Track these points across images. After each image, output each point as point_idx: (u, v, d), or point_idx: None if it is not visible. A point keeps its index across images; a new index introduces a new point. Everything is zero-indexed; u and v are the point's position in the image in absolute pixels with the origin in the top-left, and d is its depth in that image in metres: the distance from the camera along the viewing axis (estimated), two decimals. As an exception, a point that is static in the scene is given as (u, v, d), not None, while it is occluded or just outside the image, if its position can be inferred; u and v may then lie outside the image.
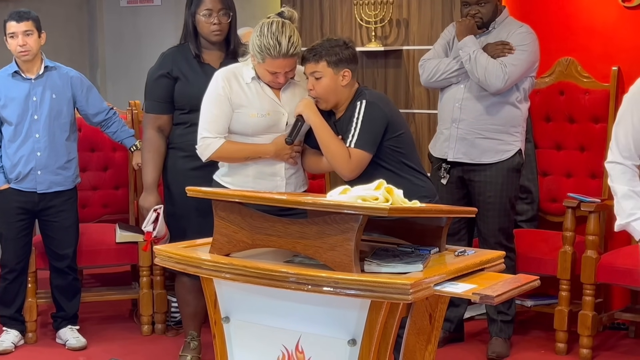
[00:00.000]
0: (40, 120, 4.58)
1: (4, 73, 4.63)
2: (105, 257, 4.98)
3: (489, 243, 4.42)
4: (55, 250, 4.72)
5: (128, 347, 4.80)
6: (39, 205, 4.63)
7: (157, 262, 3.06)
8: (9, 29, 4.54)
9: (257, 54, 3.63)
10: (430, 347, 3.03)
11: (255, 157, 3.75)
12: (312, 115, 3.60)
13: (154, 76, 4.24)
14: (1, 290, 4.74)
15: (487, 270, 2.91)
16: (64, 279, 4.77)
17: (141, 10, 7.23)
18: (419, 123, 5.63)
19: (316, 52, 3.59)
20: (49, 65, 4.66)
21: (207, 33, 4.15)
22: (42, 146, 4.58)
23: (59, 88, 4.65)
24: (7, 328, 4.76)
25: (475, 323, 5.05)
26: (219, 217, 2.97)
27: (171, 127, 4.26)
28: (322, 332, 2.78)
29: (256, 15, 6.26)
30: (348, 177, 3.58)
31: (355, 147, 3.52)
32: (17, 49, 4.53)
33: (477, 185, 4.47)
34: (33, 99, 4.58)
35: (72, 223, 4.73)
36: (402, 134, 3.61)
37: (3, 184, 4.60)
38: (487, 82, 4.32)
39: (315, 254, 2.75)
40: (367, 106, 3.54)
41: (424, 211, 2.96)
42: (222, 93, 3.72)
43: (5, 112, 4.57)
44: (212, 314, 3.03)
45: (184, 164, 4.17)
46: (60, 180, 4.64)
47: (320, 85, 3.59)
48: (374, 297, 2.61)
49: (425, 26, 5.58)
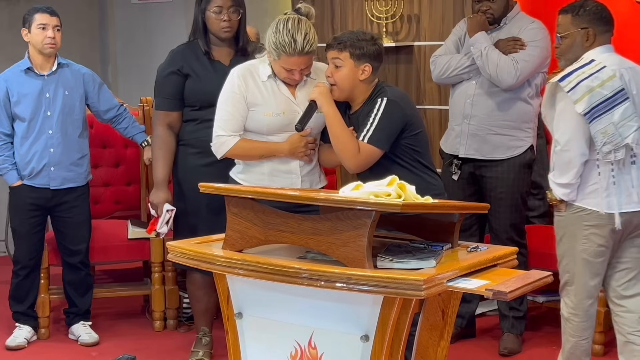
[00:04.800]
0: (53, 116, 4.59)
1: (17, 69, 4.64)
2: (117, 253, 5.00)
3: (501, 239, 4.42)
4: (68, 246, 4.73)
5: (140, 343, 4.81)
6: (52, 202, 4.64)
7: (170, 258, 3.07)
8: (40, 19, 4.55)
9: (273, 51, 3.62)
10: (442, 342, 3.03)
11: (270, 155, 3.75)
12: (326, 104, 3.56)
13: (163, 73, 4.25)
14: (14, 287, 4.76)
15: (499, 266, 2.91)
16: (76, 274, 4.78)
17: (152, 7, 7.24)
18: (430, 119, 5.63)
19: (341, 41, 3.56)
20: (62, 62, 4.67)
21: (217, 30, 4.16)
22: (55, 142, 4.59)
23: (72, 85, 4.66)
24: (20, 324, 4.78)
25: (487, 319, 5.05)
26: (231, 213, 2.97)
27: (181, 123, 4.27)
28: (335, 328, 2.79)
29: (268, 11, 6.27)
30: (353, 171, 3.59)
31: (367, 142, 3.52)
32: (45, 40, 4.54)
33: (489, 181, 4.46)
34: (46, 96, 4.59)
35: (85, 219, 4.75)
36: (419, 132, 3.60)
37: (16, 181, 4.61)
38: (498, 78, 4.31)
39: (327, 250, 2.76)
40: (387, 104, 3.51)
41: (436, 207, 2.96)
42: (237, 91, 3.72)
43: (18, 108, 4.58)
44: (225, 310, 3.04)
45: (195, 160, 4.18)
46: (73, 176, 4.66)
47: (339, 74, 3.57)
48: (386, 293, 2.61)
49: (437, 22, 5.58)
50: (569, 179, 3.52)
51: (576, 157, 3.49)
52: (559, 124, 3.53)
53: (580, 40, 3.57)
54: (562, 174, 3.53)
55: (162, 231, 4.27)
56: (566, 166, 3.51)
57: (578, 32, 3.57)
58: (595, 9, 3.58)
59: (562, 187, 3.54)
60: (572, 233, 3.59)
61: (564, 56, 3.62)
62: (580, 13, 3.56)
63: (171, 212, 4.24)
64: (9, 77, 4.62)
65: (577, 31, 3.57)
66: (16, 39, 6.99)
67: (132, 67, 7.28)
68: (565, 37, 3.60)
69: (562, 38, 3.61)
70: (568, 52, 3.60)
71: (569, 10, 3.60)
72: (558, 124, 3.53)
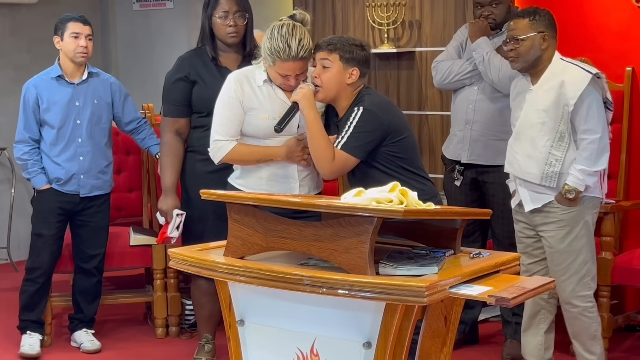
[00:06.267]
0: (82, 125, 4.61)
1: (46, 76, 4.64)
2: (119, 260, 4.99)
3: (503, 245, 4.40)
4: (86, 250, 4.73)
5: (142, 350, 4.81)
6: (79, 207, 4.66)
7: (172, 265, 3.06)
8: (73, 28, 4.55)
9: (268, 57, 3.63)
10: (445, 349, 3.01)
11: (267, 160, 3.75)
12: (307, 107, 3.57)
13: (171, 80, 4.26)
14: (28, 295, 4.70)
15: (502, 272, 2.90)
16: (88, 280, 4.77)
17: (153, 13, 7.25)
18: (432, 125, 5.62)
19: (332, 43, 3.59)
20: (92, 71, 4.70)
21: (224, 35, 4.16)
22: (84, 151, 4.62)
23: (101, 94, 4.69)
24: (30, 332, 4.72)
25: (490, 325, 5.04)
26: (233, 220, 2.97)
27: (189, 130, 4.28)
28: (337, 335, 2.78)
29: (269, 18, 6.27)
30: (327, 177, 3.67)
31: (341, 149, 3.52)
32: (77, 49, 4.55)
33: (491, 187, 4.46)
34: (76, 104, 4.61)
35: (106, 225, 4.78)
36: (403, 138, 3.59)
37: (45, 184, 4.61)
38: (500, 84, 4.31)
39: (329, 256, 2.75)
40: (363, 113, 3.52)
41: (438, 213, 2.95)
42: (233, 96, 3.73)
43: (47, 115, 4.58)
44: (227, 317, 3.03)
45: (202, 167, 4.18)
46: (100, 184, 4.69)
47: (326, 75, 3.58)
48: (389, 299, 2.60)
49: (438, 28, 5.58)
50: (604, 164, 3.84)
51: (608, 144, 3.86)
52: (593, 113, 3.79)
53: (538, 43, 3.85)
54: (597, 161, 3.80)
55: (173, 235, 4.28)
56: (602, 152, 3.81)
57: (536, 35, 3.84)
58: (548, 15, 3.90)
59: (594, 175, 3.82)
60: (586, 223, 3.89)
61: (523, 57, 3.86)
62: (537, 18, 3.86)
63: (181, 216, 4.25)
64: (38, 83, 4.62)
65: (535, 35, 3.84)
66: (18, 46, 7.02)
67: (134, 74, 7.28)
68: (524, 39, 3.83)
69: (521, 41, 3.84)
70: (527, 54, 3.85)
71: (526, 16, 3.88)
72: (592, 114, 3.78)
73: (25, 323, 4.75)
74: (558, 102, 3.80)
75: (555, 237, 3.89)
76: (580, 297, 3.92)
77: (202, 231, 4.16)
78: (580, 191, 3.80)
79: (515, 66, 3.91)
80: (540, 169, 3.85)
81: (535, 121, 3.86)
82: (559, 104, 3.80)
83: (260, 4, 6.41)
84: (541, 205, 3.89)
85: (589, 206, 3.89)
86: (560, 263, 3.90)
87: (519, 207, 4.01)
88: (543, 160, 3.84)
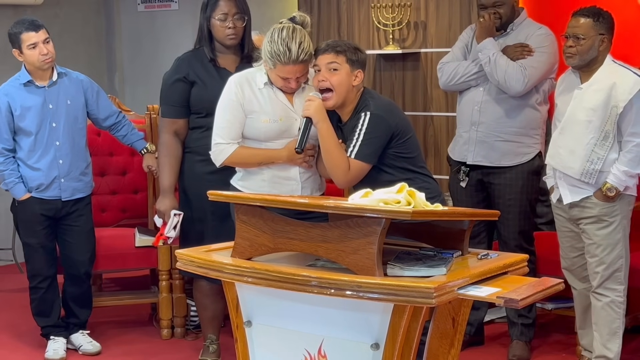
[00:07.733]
0: (59, 127, 4.53)
1: (15, 83, 4.54)
2: (125, 261, 4.98)
3: (509, 246, 4.40)
4: (73, 256, 4.65)
5: (147, 351, 4.80)
6: (62, 212, 4.59)
7: (179, 266, 3.06)
8: (29, 40, 4.43)
9: (269, 60, 3.62)
10: (453, 351, 3.02)
11: (269, 162, 3.75)
12: (322, 121, 3.56)
13: (169, 81, 4.25)
14: (37, 302, 4.67)
15: (510, 273, 2.90)
16: (79, 287, 4.71)
17: (158, 14, 7.25)
18: (437, 126, 5.62)
19: (337, 45, 3.59)
20: (61, 71, 4.60)
21: (222, 37, 4.16)
22: (63, 153, 4.54)
23: (73, 94, 4.61)
24: (54, 337, 4.68)
25: (496, 326, 5.03)
26: (240, 221, 2.97)
27: (187, 131, 4.28)
28: (345, 336, 2.78)
29: (273, 19, 6.27)
30: (343, 186, 3.67)
31: (355, 158, 3.52)
32: (40, 58, 4.44)
33: (497, 188, 4.45)
34: (49, 107, 4.51)
35: (90, 228, 4.72)
36: (408, 138, 3.61)
37: (24, 194, 4.53)
38: (507, 85, 4.30)
39: (337, 257, 2.75)
40: (371, 118, 3.52)
41: (446, 214, 2.95)
42: (234, 99, 3.72)
43: (23, 122, 4.49)
44: (234, 318, 3.03)
45: (201, 168, 4.17)
46: (82, 186, 4.63)
47: (336, 77, 3.56)
48: (397, 300, 2.60)
49: (443, 29, 5.58)
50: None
51: None
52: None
53: (597, 44, 3.91)
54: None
55: (170, 235, 4.26)
56: None
57: (597, 36, 3.90)
58: (610, 18, 3.95)
59: (635, 177, 3.93)
60: (623, 219, 3.98)
61: (582, 56, 3.92)
62: (600, 20, 3.92)
63: (178, 216, 4.24)
64: (9, 91, 4.52)
65: (596, 36, 3.90)
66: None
67: (139, 74, 7.29)
68: (586, 39, 3.90)
69: (582, 39, 3.90)
70: (586, 53, 3.92)
71: (590, 15, 3.93)
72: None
73: (47, 329, 4.70)
74: (607, 103, 3.87)
75: (592, 230, 3.99)
76: (612, 290, 4.00)
77: (201, 232, 4.16)
78: (620, 190, 3.90)
79: (571, 62, 3.97)
80: (582, 165, 3.93)
81: (582, 119, 3.93)
82: (608, 104, 3.87)
83: (265, 5, 6.43)
84: (579, 199, 3.99)
85: (625, 202, 3.98)
86: (597, 255, 3.99)
87: (559, 202, 4.09)
88: (585, 157, 3.92)
